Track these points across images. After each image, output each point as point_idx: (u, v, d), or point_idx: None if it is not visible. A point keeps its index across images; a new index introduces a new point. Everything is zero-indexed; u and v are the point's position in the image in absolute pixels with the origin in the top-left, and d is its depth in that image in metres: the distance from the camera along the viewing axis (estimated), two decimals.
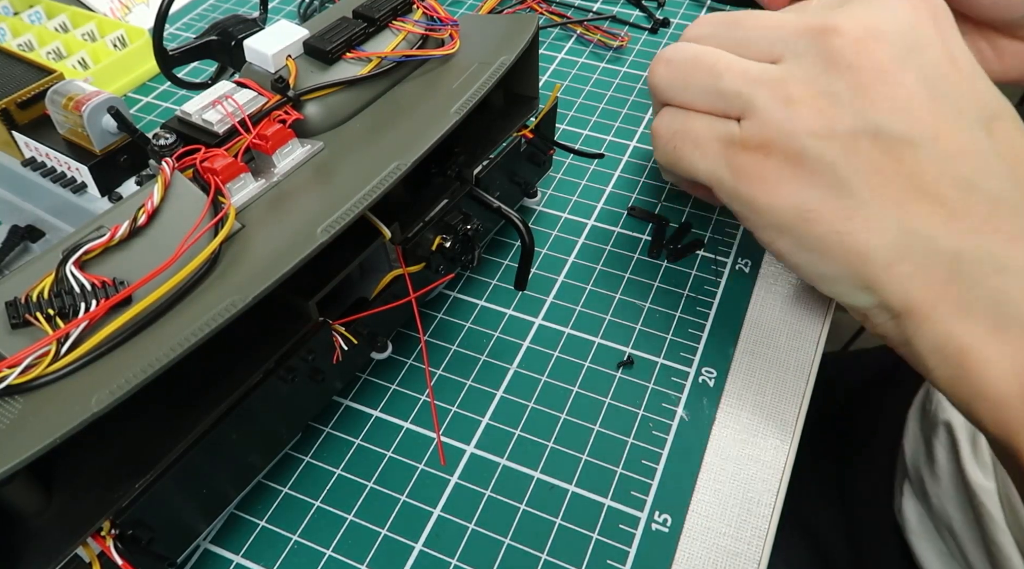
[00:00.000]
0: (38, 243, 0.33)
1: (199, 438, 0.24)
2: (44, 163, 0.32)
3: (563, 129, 0.47)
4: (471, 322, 0.36)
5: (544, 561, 0.28)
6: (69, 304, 0.21)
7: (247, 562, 0.28)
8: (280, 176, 0.27)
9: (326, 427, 0.32)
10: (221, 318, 0.21)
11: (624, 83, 0.50)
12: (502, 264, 0.39)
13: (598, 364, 0.34)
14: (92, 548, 0.22)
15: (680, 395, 0.33)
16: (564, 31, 0.55)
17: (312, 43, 0.29)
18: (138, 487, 0.22)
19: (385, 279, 0.30)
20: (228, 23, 0.35)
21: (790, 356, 0.35)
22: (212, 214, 0.24)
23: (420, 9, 0.32)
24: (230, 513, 0.30)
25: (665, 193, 0.42)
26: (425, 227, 0.30)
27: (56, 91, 0.30)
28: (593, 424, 0.32)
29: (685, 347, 0.35)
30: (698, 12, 0.56)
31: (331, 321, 0.28)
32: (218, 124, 0.27)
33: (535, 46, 0.34)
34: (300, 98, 0.28)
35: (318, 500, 0.30)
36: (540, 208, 0.42)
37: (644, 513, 0.29)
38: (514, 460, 0.31)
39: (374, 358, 0.32)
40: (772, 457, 0.31)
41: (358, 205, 0.25)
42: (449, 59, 0.32)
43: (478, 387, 0.34)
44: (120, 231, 0.23)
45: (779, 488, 0.30)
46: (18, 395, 0.20)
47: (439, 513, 0.30)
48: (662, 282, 0.38)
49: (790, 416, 0.33)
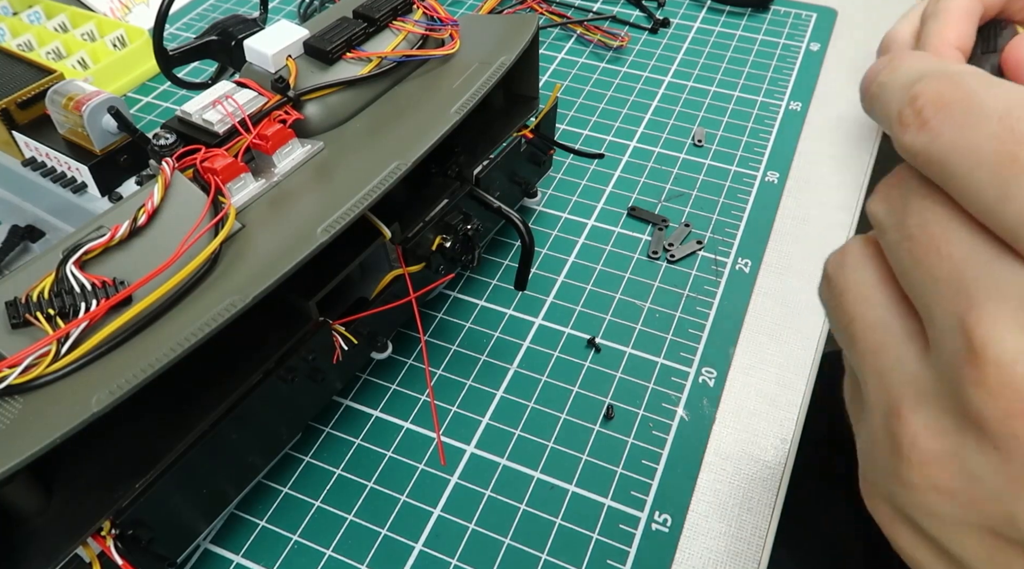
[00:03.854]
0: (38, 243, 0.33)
1: (199, 438, 0.24)
2: (44, 163, 0.32)
3: (563, 129, 0.47)
4: (471, 322, 0.36)
5: (544, 561, 0.28)
6: (69, 304, 0.21)
7: (247, 562, 0.28)
8: (280, 176, 0.27)
9: (326, 427, 0.32)
10: (221, 318, 0.21)
11: (624, 83, 0.50)
12: (502, 264, 0.39)
13: (598, 364, 0.34)
14: (92, 548, 0.22)
15: (680, 395, 0.33)
16: (564, 31, 0.55)
17: (312, 43, 0.29)
18: (138, 487, 0.22)
19: (385, 279, 0.30)
20: (228, 23, 0.35)
21: (790, 356, 0.35)
22: (212, 214, 0.24)
23: (420, 9, 0.32)
24: (230, 513, 0.30)
25: (665, 193, 0.42)
26: (425, 227, 0.30)
27: (56, 91, 0.30)
28: (593, 424, 0.32)
29: (685, 347, 0.35)
30: (698, 12, 0.56)
31: (331, 321, 0.28)
32: (218, 124, 0.27)
33: (535, 46, 0.34)
34: (300, 98, 0.28)
35: (318, 500, 0.30)
36: (540, 208, 0.42)
37: (644, 513, 0.29)
38: (514, 460, 0.31)
39: (374, 358, 0.32)
40: (772, 457, 0.31)
41: (358, 205, 0.25)
42: (449, 59, 0.32)
43: (478, 387, 0.34)
44: (120, 231, 0.23)
45: (779, 488, 0.30)
46: (18, 395, 0.20)
47: (439, 513, 0.30)
48: (662, 282, 0.38)
49: (790, 416, 0.33)
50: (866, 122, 0.47)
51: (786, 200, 0.42)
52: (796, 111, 0.48)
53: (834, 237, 0.40)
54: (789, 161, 0.44)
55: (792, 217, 0.41)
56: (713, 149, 0.45)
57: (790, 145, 0.45)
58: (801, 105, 0.48)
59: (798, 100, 0.48)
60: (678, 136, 0.46)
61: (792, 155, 0.45)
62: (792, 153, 0.45)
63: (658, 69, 0.51)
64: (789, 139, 0.46)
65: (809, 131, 0.46)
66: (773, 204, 0.42)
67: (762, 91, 0.49)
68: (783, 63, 0.51)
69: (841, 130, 0.46)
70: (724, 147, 0.45)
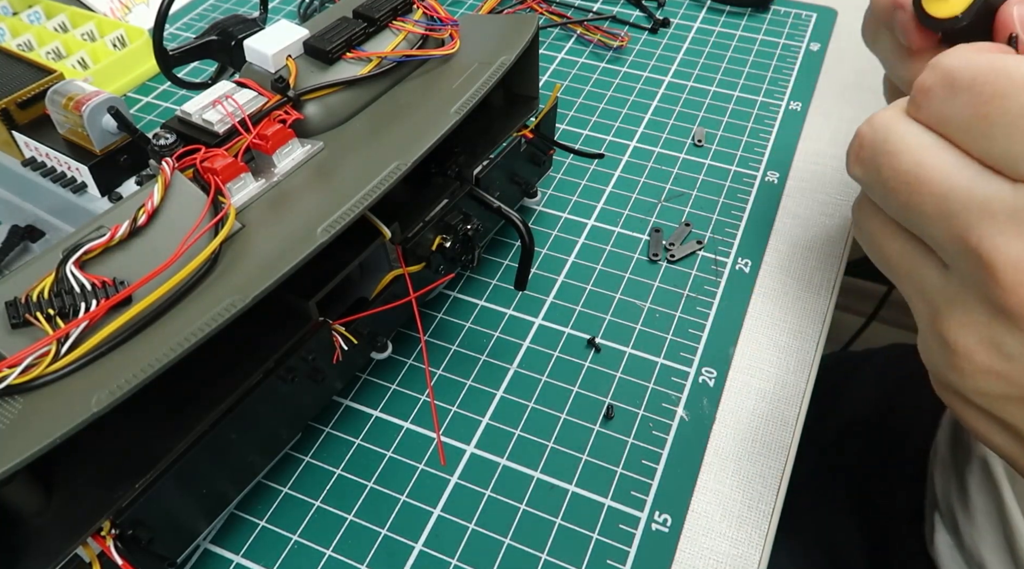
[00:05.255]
0: (38, 243, 0.33)
1: (199, 438, 0.24)
2: (44, 163, 0.32)
3: (563, 129, 0.47)
4: (471, 322, 0.36)
5: (544, 561, 0.28)
6: (69, 304, 0.21)
7: (247, 562, 0.28)
8: (280, 176, 0.27)
9: (326, 427, 0.32)
10: (221, 318, 0.21)
11: (624, 83, 0.50)
12: (502, 264, 0.39)
13: (598, 364, 0.34)
14: (92, 548, 0.22)
15: (680, 395, 0.33)
16: (564, 31, 0.55)
17: (312, 43, 0.29)
18: (138, 487, 0.22)
19: (385, 279, 0.30)
20: (228, 23, 0.35)
21: (790, 356, 0.35)
22: (212, 214, 0.24)
23: (420, 9, 0.32)
24: (230, 513, 0.30)
25: (665, 193, 0.42)
26: (425, 227, 0.30)
27: (56, 91, 0.30)
28: (593, 424, 0.32)
29: (685, 347, 0.35)
30: (698, 12, 0.56)
31: (331, 321, 0.28)
32: (218, 124, 0.27)
33: (535, 46, 0.34)
34: (300, 98, 0.28)
35: (318, 500, 0.30)
36: (540, 208, 0.42)
37: (644, 513, 0.29)
38: (514, 460, 0.31)
39: (374, 358, 0.32)
40: (772, 457, 0.31)
41: (358, 205, 0.25)
42: (449, 59, 0.32)
43: (478, 387, 0.34)
44: (120, 231, 0.23)
45: (779, 488, 0.30)
46: (18, 395, 0.20)
47: (439, 513, 0.30)
48: (662, 282, 0.38)
49: (790, 416, 0.33)
50: None
51: (786, 200, 0.42)
52: (796, 111, 0.48)
53: (834, 237, 0.40)
54: (789, 161, 0.44)
55: (792, 217, 0.41)
56: (713, 149, 0.45)
57: (790, 145, 0.45)
58: (801, 105, 0.48)
59: (798, 100, 0.48)
60: (678, 136, 0.46)
61: (792, 155, 0.45)
62: (792, 153, 0.45)
63: (658, 69, 0.51)
64: (789, 139, 0.46)
65: (809, 131, 0.46)
66: (773, 204, 0.42)
67: (762, 91, 0.49)
68: (783, 63, 0.51)
69: (841, 130, 0.46)
70: (724, 147, 0.45)
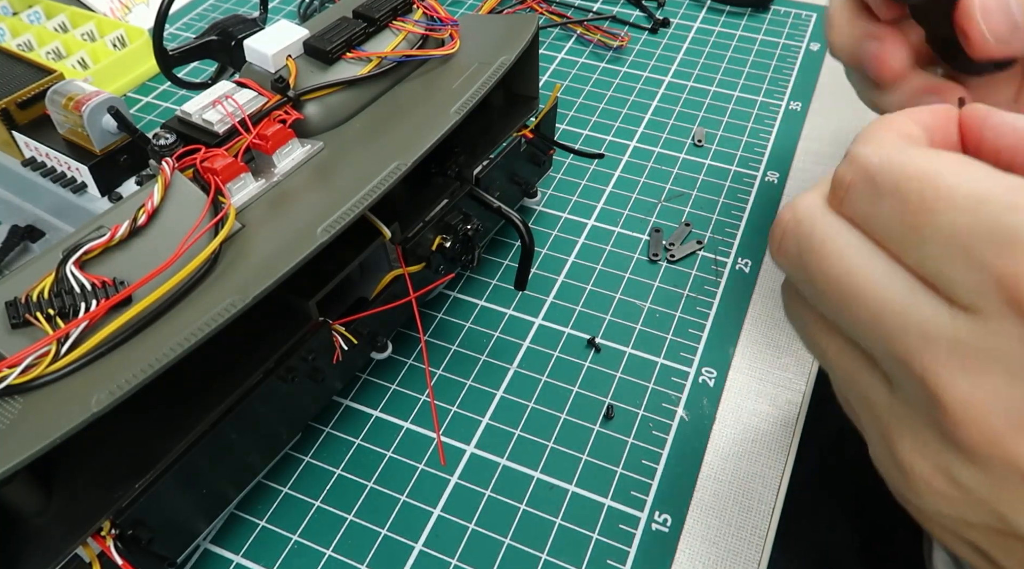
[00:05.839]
0: (38, 243, 0.33)
1: (199, 438, 0.24)
2: (44, 163, 0.32)
3: (563, 129, 0.47)
4: (471, 322, 0.36)
5: (544, 561, 0.28)
6: (69, 304, 0.21)
7: (247, 562, 0.28)
8: (280, 176, 0.27)
9: (326, 427, 0.32)
10: (221, 318, 0.21)
11: (624, 83, 0.50)
12: (502, 264, 0.39)
13: (598, 364, 0.34)
14: (92, 548, 0.22)
15: (680, 395, 0.33)
16: (564, 31, 0.55)
17: (312, 43, 0.29)
18: (138, 487, 0.22)
19: (385, 279, 0.30)
20: (228, 23, 0.35)
21: (790, 355, 0.35)
22: (212, 214, 0.24)
23: (420, 9, 0.32)
24: (230, 513, 0.30)
25: (665, 193, 0.42)
26: (425, 227, 0.30)
27: (56, 91, 0.30)
28: (593, 424, 0.32)
29: (685, 347, 0.35)
30: (698, 12, 0.56)
31: (331, 321, 0.28)
32: (218, 124, 0.27)
33: (535, 46, 0.34)
34: (300, 98, 0.28)
35: (318, 500, 0.30)
36: (540, 208, 0.42)
37: (644, 513, 0.29)
38: (514, 460, 0.31)
39: (374, 358, 0.32)
40: (772, 457, 0.31)
41: (358, 205, 0.25)
42: (449, 59, 0.32)
43: (478, 387, 0.34)
44: (120, 231, 0.23)
45: (779, 488, 0.30)
46: (18, 395, 0.20)
47: (439, 513, 0.30)
48: (662, 282, 0.38)
49: (790, 416, 0.33)
50: (866, 122, 0.46)
51: (786, 200, 0.42)
52: (796, 111, 0.48)
53: None
54: (789, 161, 0.44)
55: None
56: (713, 149, 0.45)
57: (790, 145, 0.45)
58: (801, 105, 0.48)
59: (798, 100, 0.48)
60: (678, 136, 0.46)
61: (792, 155, 0.45)
62: (792, 153, 0.45)
63: (658, 69, 0.51)
64: (789, 139, 0.46)
65: (809, 131, 0.46)
66: (773, 204, 0.42)
67: (762, 91, 0.49)
68: (783, 63, 0.51)
69: (841, 130, 0.46)
70: (724, 147, 0.45)
